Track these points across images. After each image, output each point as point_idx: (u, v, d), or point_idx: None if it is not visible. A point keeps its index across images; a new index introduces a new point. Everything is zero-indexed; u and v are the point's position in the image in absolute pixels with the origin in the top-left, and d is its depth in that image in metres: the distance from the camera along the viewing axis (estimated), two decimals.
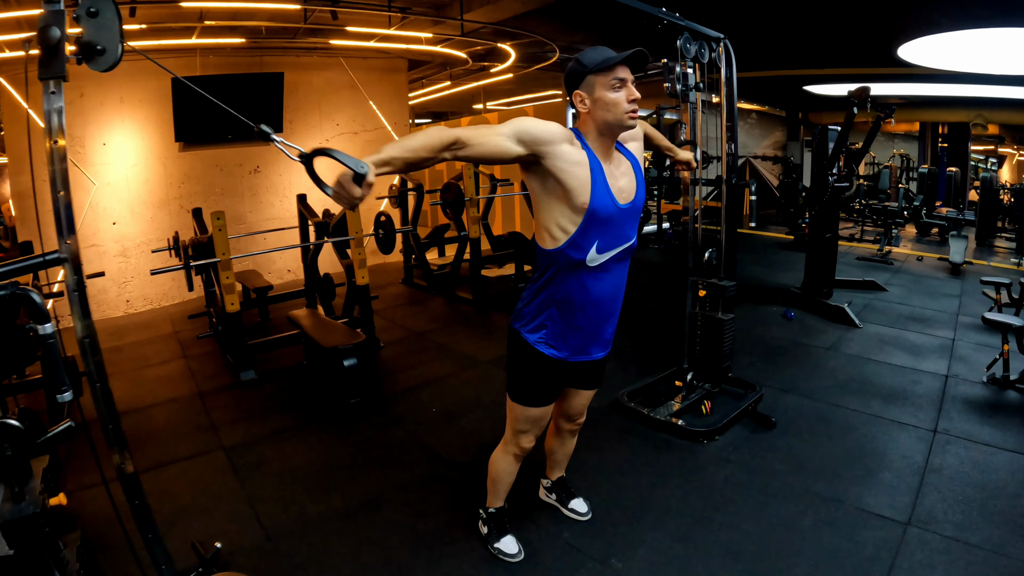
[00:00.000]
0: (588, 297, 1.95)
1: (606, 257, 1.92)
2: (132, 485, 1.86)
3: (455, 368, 4.65)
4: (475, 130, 1.70)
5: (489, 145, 1.70)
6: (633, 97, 1.82)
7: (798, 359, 4.59)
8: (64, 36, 1.57)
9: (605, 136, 1.87)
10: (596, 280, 1.93)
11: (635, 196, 1.96)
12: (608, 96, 1.80)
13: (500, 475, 2.36)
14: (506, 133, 1.72)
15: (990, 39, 6.58)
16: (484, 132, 1.71)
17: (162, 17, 5.99)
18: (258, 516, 2.82)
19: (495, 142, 1.71)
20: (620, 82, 1.80)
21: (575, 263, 1.89)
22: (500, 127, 1.73)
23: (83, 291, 1.68)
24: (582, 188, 1.80)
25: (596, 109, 1.83)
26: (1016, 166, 21.94)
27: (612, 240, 1.91)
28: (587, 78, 1.83)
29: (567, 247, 1.87)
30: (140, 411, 4.13)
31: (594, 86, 1.82)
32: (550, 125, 1.78)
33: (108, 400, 1.76)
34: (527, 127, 1.74)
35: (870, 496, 2.80)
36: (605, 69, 1.80)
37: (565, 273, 1.91)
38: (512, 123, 1.74)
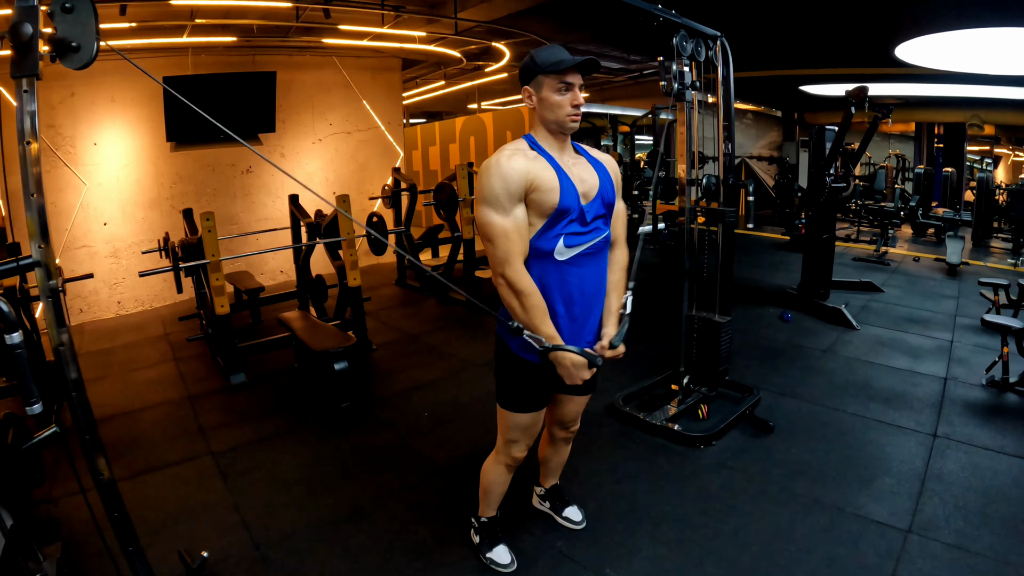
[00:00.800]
0: (564, 296, 1.93)
1: (575, 252, 1.91)
2: (111, 497, 1.80)
3: (448, 371, 4.60)
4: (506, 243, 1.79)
5: (522, 233, 1.83)
6: (577, 102, 1.86)
7: (795, 361, 4.55)
8: (37, 33, 1.52)
9: (554, 133, 1.91)
10: (569, 275, 1.92)
11: (599, 188, 1.95)
12: (553, 98, 1.85)
13: (492, 485, 2.30)
14: (510, 216, 1.79)
15: (987, 39, 6.57)
16: (509, 238, 1.79)
17: (153, 15, 5.93)
18: (246, 524, 2.76)
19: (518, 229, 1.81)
20: (567, 86, 1.85)
21: (543, 253, 1.88)
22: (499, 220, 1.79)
23: (57, 297, 1.62)
24: (552, 190, 1.83)
25: (541, 108, 1.88)
26: (1011, 166, 21.99)
27: (580, 236, 1.91)
28: (537, 77, 1.87)
29: (536, 239, 1.88)
30: (129, 415, 4.07)
31: (543, 86, 1.86)
32: (511, 168, 1.79)
33: (85, 410, 1.70)
34: (504, 190, 1.78)
35: (870, 503, 2.75)
36: (556, 72, 1.83)
37: (538, 268, 1.90)
38: (492, 199, 1.79)
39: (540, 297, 1.83)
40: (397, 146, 9.14)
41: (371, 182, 8.74)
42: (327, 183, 8.43)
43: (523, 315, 1.82)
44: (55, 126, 6.47)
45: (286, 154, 8.07)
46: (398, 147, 9.15)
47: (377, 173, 8.85)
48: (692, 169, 3.44)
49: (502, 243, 1.79)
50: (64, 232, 6.64)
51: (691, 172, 3.43)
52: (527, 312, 1.81)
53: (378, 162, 8.92)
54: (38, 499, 2.95)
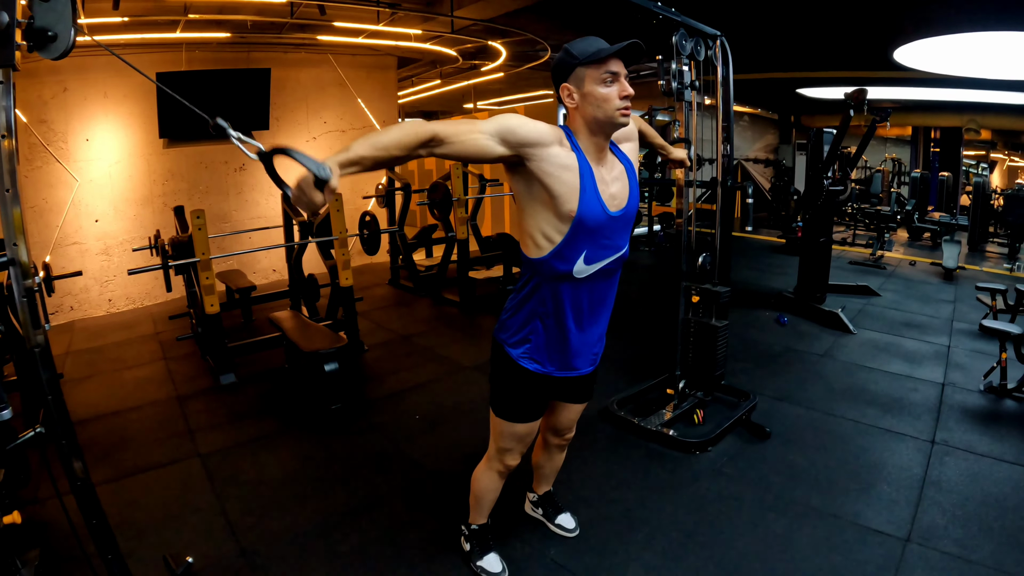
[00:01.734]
0: (575, 310, 1.83)
1: (594, 268, 1.78)
2: (89, 503, 1.73)
3: (440, 373, 4.54)
4: (455, 126, 1.56)
5: (469, 143, 1.57)
6: (626, 93, 1.67)
7: (792, 366, 4.51)
8: (14, 22, 1.45)
9: (596, 135, 1.72)
10: (584, 293, 1.81)
11: (627, 203, 1.82)
12: (599, 91, 1.66)
13: (483, 492, 2.24)
14: (489, 131, 1.59)
15: (985, 43, 6.55)
16: (465, 129, 1.57)
17: (146, 10, 5.85)
18: (233, 528, 2.71)
19: (475, 140, 1.57)
20: (612, 76, 1.66)
21: (560, 274, 1.75)
22: (484, 123, 1.59)
23: (33, 298, 1.56)
24: (570, 194, 1.66)
25: (585, 105, 1.69)
26: (1007, 171, 22.07)
27: (601, 251, 1.77)
28: (576, 70, 1.68)
29: (552, 257, 1.73)
30: (117, 414, 4.01)
31: (584, 80, 1.68)
32: (538, 125, 1.64)
33: (61, 413, 1.64)
34: (512, 126, 1.60)
35: (868, 511, 2.72)
36: (597, 61, 1.65)
37: (550, 284, 1.78)
38: (496, 120, 1.60)
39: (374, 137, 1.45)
40: None
41: (365, 181, 8.66)
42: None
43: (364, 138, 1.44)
44: (47, 121, 6.39)
45: None
46: None
47: (372, 172, 8.76)
48: (690, 171, 3.39)
49: (451, 126, 1.57)
50: (55, 228, 6.55)
51: (689, 174, 3.39)
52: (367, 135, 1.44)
53: None
54: (23, 500, 2.88)
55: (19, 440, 1.97)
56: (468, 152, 1.59)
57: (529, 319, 1.86)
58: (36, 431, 1.90)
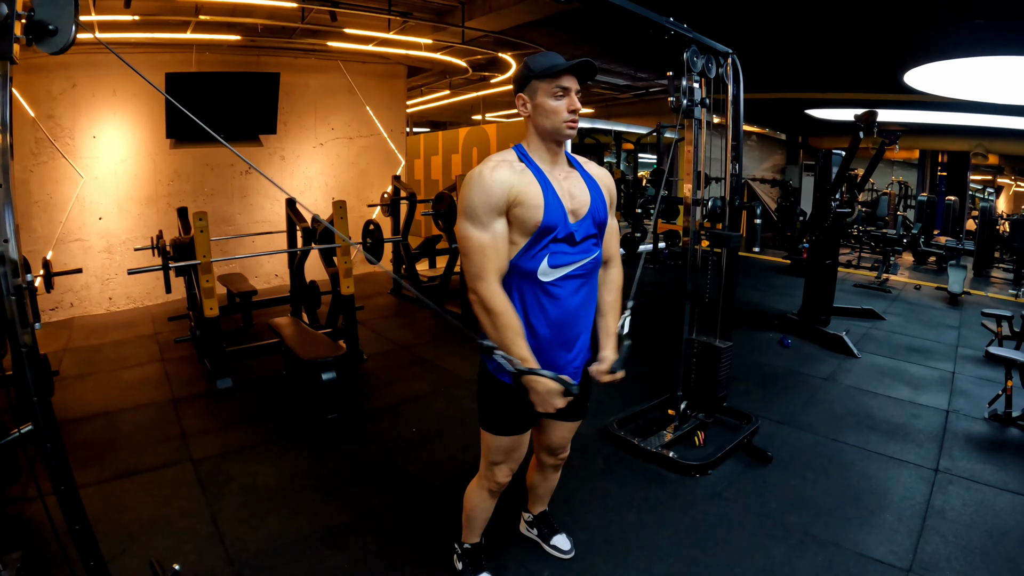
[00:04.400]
0: (546, 316, 1.84)
1: (560, 273, 1.82)
2: (73, 509, 1.69)
3: (439, 386, 4.49)
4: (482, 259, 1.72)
5: (500, 249, 1.74)
6: (573, 107, 1.77)
7: (795, 389, 4.46)
8: (13, 13, 1.42)
9: (547, 142, 1.83)
10: (551, 297, 1.83)
11: (590, 209, 1.86)
12: (548, 103, 1.77)
13: (475, 510, 2.20)
14: (488, 230, 1.72)
15: (995, 68, 6.53)
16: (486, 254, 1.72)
17: (157, 10, 5.87)
18: (222, 537, 2.66)
19: (495, 245, 1.73)
20: (563, 91, 1.76)
21: (526, 273, 1.80)
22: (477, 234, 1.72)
23: (22, 296, 1.52)
24: (536, 207, 1.75)
25: (536, 115, 1.80)
26: (1013, 196, 22.05)
27: (566, 256, 1.81)
28: (532, 83, 1.79)
29: (518, 258, 1.79)
30: (112, 414, 3.97)
31: (537, 91, 1.78)
32: (494, 181, 1.72)
33: (47, 415, 1.59)
34: (483, 203, 1.71)
35: (870, 539, 2.66)
36: (550, 76, 1.75)
37: (520, 288, 1.82)
38: (471, 212, 1.72)
39: (514, 317, 1.74)
40: (399, 154, 9.07)
41: (371, 189, 8.67)
42: (326, 188, 8.37)
43: (495, 334, 1.73)
44: (55, 117, 6.41)
45: (286, 157, 8.01)
46: (400, 155, 9.09)
47: (377, 180, 8.77)
48: (698, 189, 3.36)
49: (477, 258, 1.71)
50: (59, 225, 6.56)
51: (697, 192, 3.35)
52: (499, 331, 1.72)
53: (379, 169, 8.85)
54: (12, 497, 2.85)
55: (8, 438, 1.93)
56: (503, 251, 1.75)
57: None
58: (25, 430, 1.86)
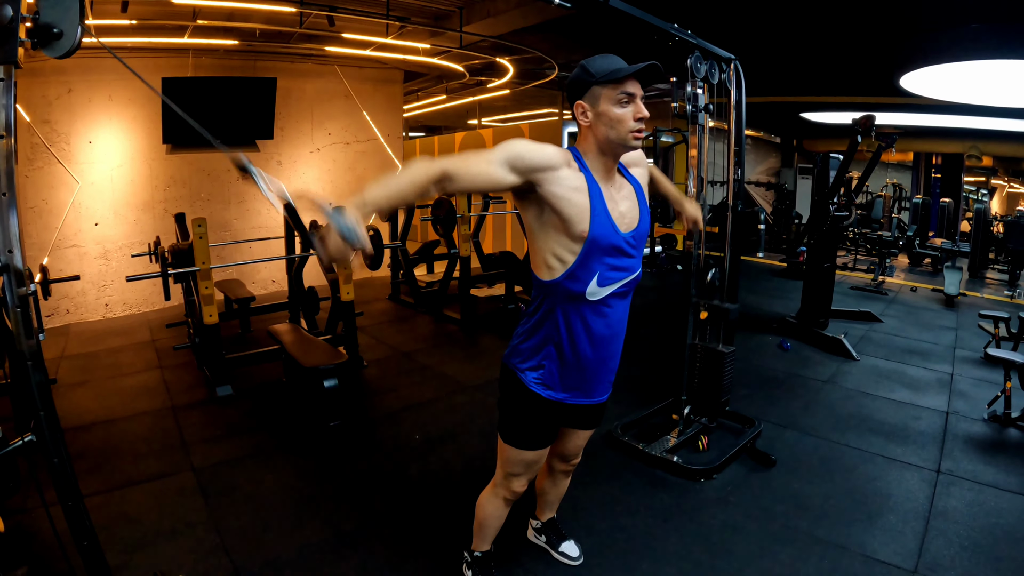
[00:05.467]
0: (589, 335, 1.77)
1: (608, 291, 1.74)
2: (81, 525, 1.67)
3: (440, 392, 4.47)
4: (462, 160, 1.52)
5: (480, 176, 1.53)
6: (641, 115, 1.64)
7: (796, 392, 4.46)
8: (18, 16, 1.41)
9: (607, 155, 1.70)
10: (597, 316, 1.76)
11: (639, 223, 1.79)
12: (613, 111, 1.63)
13: (488, 519, 2.18)
14: (497, 160, 1.54)
15: (990, 71, 6.58)
16: (473, 162, 1.53)
17: (154, 14, 5.83)
18: (226, 547, 2.63)
19: (486, 172, 1.53)
20: (628, 97, 1.63)
21: (574, 295, 1.71)
22: (490, 153, 1.55)
23: (27, 307, 1.50)
24: (581, 216, 1.63)
25: (598, 124, 1.66)
26: (1006, 197, 22.18)
27: (614, 272, 1.74)
28: (592, 89, 1.65)
29: (564, 279, 1.69)
30: (110, 423, 3.93)
31: (599, 99, 1.65)
32: (545, 148, 1.60)
33: (54, 428, 1.57)
34: (520, 152, 1.56)
35: (875, 541, 2.67)
36: (614, 81, 1.62)
37: (564, 307, 1.74)
38: (504, 148, 1.56)
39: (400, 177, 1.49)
40: (396, 159, 9.06)
41: None
42: (324, 193, 8.34)
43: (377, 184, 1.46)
44: (50, 122, 6.37)
45: (283, 162, 7.99)
46: (397, 160, 9.07)
47: None
48: (701, 194, 3.36)
49: (462, 158, 1.53)
50: (54, 231, 6.51)
51: (701, 197, 3.36)
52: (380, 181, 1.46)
53: (376, 174, 8.75)
54: (11, 509, 2.81)
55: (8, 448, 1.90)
56: (479, 184, 1.56)
57: (543, 344, 1.81)
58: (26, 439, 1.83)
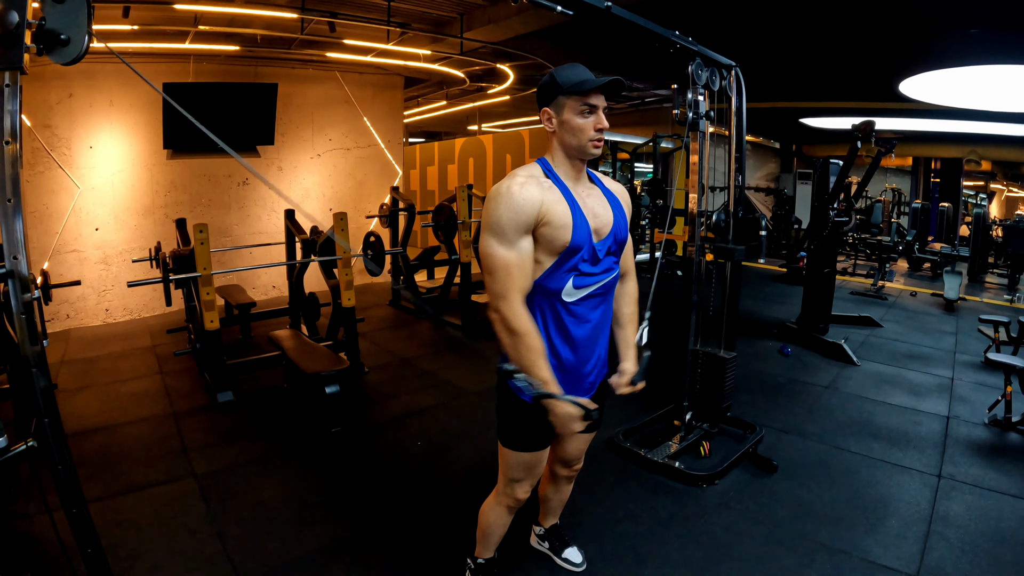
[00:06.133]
0: (567, 336, 1.82)
1: (584, 293, 1.80)
2: (85, 532, 1.67)
3: (442, 398, 4.46)
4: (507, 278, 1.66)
5: (525, 268, 1.68)
6: (601, 126, 1.73)
7: (797, 398, 4.46)
8: (24, 22, 1.41)
9: (572, 159, 1.78)
10: (575, 316, 1.81)
11: (613, 228, 1.84)
12: (576, 121, 1.72)
13: (491, 527, 2.18)
14: (515, 248, 1.66)
15: (989, 76, 6.59)
16: (511, 272, 1.66)
17: (156, 19, 5.84)
18: (228, 554, 2.63)
19: (521, 264, 1.67)
20: (591, 108, 1.72)
21: (550, 293, 1.77)
22: (503, 252, 1.66)
23: (32, 313, 1.50)
24: (565, 227, 1.71)
25: (562, 131, 1.75)
26: (1005, 201, 22.22)
27: (590, 276, 1.80)
28: (558, 98, 1.73)
29: (543, 279, 1.76)
30: (111, 429, 3.93)
31: (563, 107, 1.73)
32: (523, 198, 1.66)
33: (58, 436, 1.57)
34: (512, 220, 1.65)
35: (877, 546, 2.67)
36: (579, 93, 1.70)
37: (542, 307, 1.80)
38: (498, 229, 1.66)
39: (537, 338, 1.69)
40: (396, 165, 9.07)
41: (368, 200, 8.66)
42: (324, 199, 8.35)
43: (516, 356, 1.68)
44: (51, 126, 6.38)
45: (284, 168, 7.99)
46: (397, 166, 9.08)
47: (375, 191, 8.76)
48: (703, 200, 3.37)
49: (502, 277, 1.66)
50: (55, 235, 6.51)
51: (702, 203, 3.37)
52: (520, 353, 1.67)
53: (376, 180, 8.85)
54: (13, 515, 2.81)
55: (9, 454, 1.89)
56: (528, 272, 1.70)
57: None
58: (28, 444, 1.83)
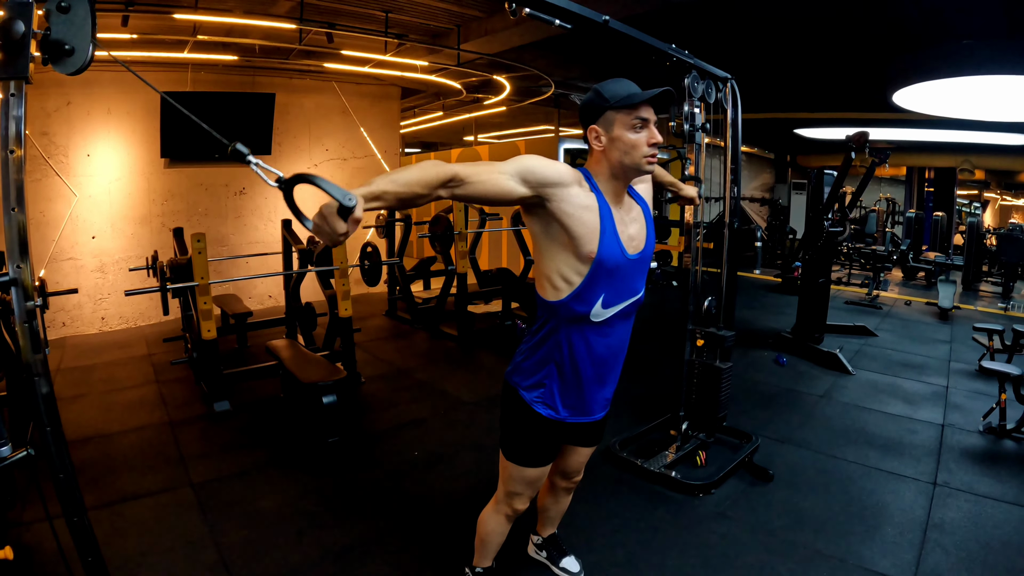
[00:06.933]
0: (591, 355, 1.79)
1: (612, 312, 1.76)
2: (85, 540, 1.67)
3: (438, 409, 4.46)
4: (475, 167, 1.52)
5: (490, 184, 1.52)
6: (655, 140, 1.66)
7: (792, 407, 4.48)
8: (30, 32, 1.43)
9: (618, 179, 1.71)
10: (600, 336, 1.78)
11: (645, 245, 1.81)
12: (628, 137, 1.65)
13: (490, 536, 2.18)
14: (509, 171, 1.55)
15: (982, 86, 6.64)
16: (485, 169, 1.53)
17: (154, 29, 5.86)
18: (226, 563, 2.62)
19: (497, 181, 1.53)
20: (643, 122, 1.65)
21: (578, 316, 1.72)
22: (503, 164, 1.56)
23: (35, 321, 1.51)
24: (590, 235, 1.64)
25: (612, 149, 1.67)
26: (998, 210, 22.36)
27: (619, 294, 1.75)
28: (607, 113, 1.67)
29: (570, 300, 1.71)
30: (107, 437, 3.92)
31: (613, 123, 1.66)
32: (558, 165, 1.62)
33: (60, 446, 1.58)
34: (532, 166, 1.57)
35: (873, 554, 2.68)
36: (628, 107, 1.64)
37: (567, 328, 1.75)
38: (516, 161, 1.57)
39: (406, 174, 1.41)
40: None
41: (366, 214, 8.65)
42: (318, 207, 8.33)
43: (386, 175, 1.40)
44: (49, 134, 6.39)
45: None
46: None
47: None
48: (699, 211, 3.40)
49: (478, 167, 1.52)
50: (51, 243, 6.51)
51: (697, 213, 3.39)
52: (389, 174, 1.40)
53: None
54: (9, 523, 2.81)
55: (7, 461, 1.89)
56: (489, 192, 1.53)
57: (544, 363, 1.82)
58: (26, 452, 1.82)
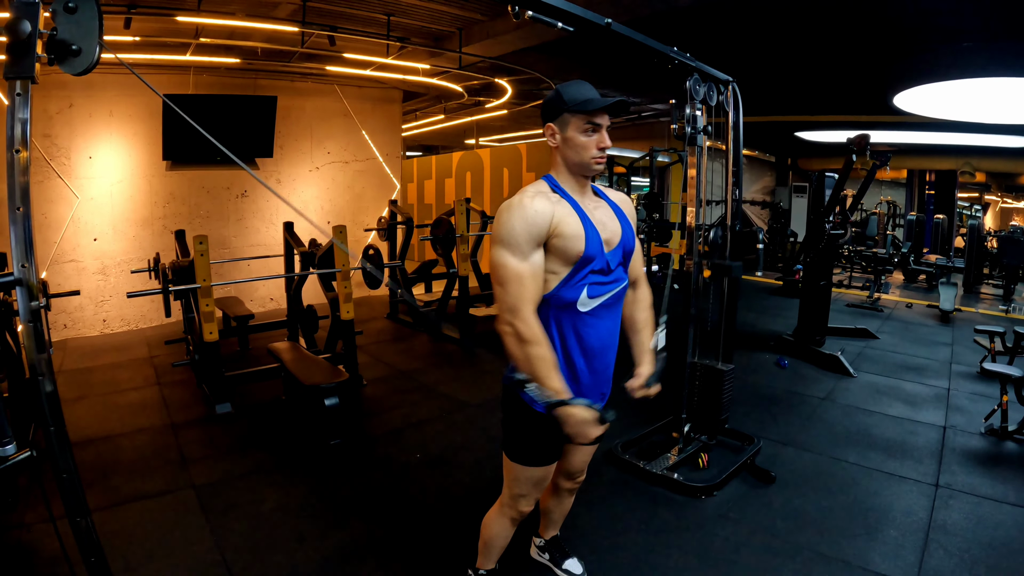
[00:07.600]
0: (582, 346, 1.84)
1: (597, 302, 1.82)
2: (88, 541, 1.67)
3: (440, 411, 4.46)
4: (519, 289, 1.67)
5: (537, 280, 1.71)
6: (603, 145, 1.77)
7: (794, 409, 4.48)
8: (36, 32, 1.43)
9: (575, 174, 1.82)
10: (589, 327, 1.83)
11: (622, 239, 1.88)
12: (579, 139, 1.76)
13: (494, 538, 2.18)
14: (520, 258, 1.67)
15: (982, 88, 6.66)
16: (523, 283, 1.68)
17: (157, 31, 5.88)
18: (228, 566, 2.62)
19: (534, 275, 1.70)
20: (595, 127, 1.76)
21: (567, 304, 1.79)
22: (515, 263, 1.67)
23: (39, 321, 1.51)
24: (577, 237, 1.74)
25: (565, 148, 1.79)
26: (999, 212, 22.35)
27: (603, 285, 1.83)
28: (563, 115, 1.77)
29: (559, 289, 1.78)
30: (108, 439, 3.92)
31: (568, 124, 1.76)
32: (535, 210, 1.69)
33: (64, 446, 1.58)
34: (524, 232, 1.67)
35: (876, 556, 2.68)
36: (583, 111, 1.73)
37: (558, 317, 1.81)
38: (511, 241, 1.68)
39: (548, 349, 1.69)
40: (394, 178, 9.11)
41: (367, 213, 8.69)
42: (322, 212, 8.38)
43: (528, 367, 1.67)
44: (51, 136, 6.40)
45: (282, 180, 8.02)
46: (395, 179, 9.12)
47: (373, 204, 8.80)
48: (700, 213, 3.40)
49: (514, 288, 1.67)
50: (53, 245, 6.52)
51: (700, 218, 3.39)
52: (532, 363, 1.66)
53: (374, 193, 8.88)
54: (10, 525, 2.82)
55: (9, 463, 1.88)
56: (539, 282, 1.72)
57: None
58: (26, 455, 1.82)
